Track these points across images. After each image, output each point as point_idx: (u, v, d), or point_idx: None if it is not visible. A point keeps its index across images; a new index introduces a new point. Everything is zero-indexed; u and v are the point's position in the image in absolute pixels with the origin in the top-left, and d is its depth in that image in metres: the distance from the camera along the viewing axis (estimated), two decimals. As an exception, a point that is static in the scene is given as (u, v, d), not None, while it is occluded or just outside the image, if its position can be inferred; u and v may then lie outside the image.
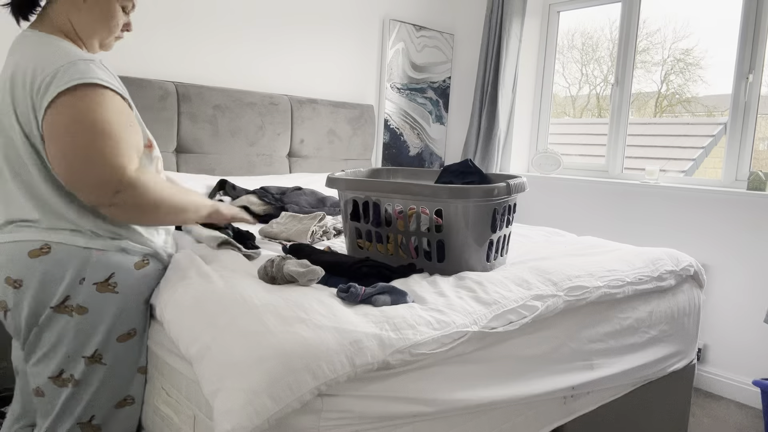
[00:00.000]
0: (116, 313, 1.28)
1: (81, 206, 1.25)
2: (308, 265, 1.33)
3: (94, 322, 1.26)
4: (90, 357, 1.26)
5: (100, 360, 1.27)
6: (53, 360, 1.25)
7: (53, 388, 1.26)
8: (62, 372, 1.26)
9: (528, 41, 3.56)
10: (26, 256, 1.21)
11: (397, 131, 3.60)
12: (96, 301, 1.25)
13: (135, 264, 1.31)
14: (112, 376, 1.30)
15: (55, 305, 1.23)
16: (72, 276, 1.22)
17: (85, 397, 1.27)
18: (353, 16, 3.31)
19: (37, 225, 1.23)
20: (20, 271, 1.21)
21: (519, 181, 1.59)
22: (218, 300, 1.19)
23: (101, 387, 1.29)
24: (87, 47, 1.34)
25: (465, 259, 1.52)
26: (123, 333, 1.30)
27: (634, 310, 1.70)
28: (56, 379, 1.26)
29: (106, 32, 1.34)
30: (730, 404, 2.63)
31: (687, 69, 3.19)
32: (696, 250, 2.76)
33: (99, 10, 1.30)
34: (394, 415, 1.09)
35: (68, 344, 1.24)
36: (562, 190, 3.32)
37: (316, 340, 1.02)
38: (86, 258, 1.24)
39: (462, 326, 1.20)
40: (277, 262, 1.33)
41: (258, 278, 1.35)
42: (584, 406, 1.59)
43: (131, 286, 1.30)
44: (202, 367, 1.07)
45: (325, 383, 0.99)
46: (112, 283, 1.27)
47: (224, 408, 0.95)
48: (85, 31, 1.31)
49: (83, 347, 1.26)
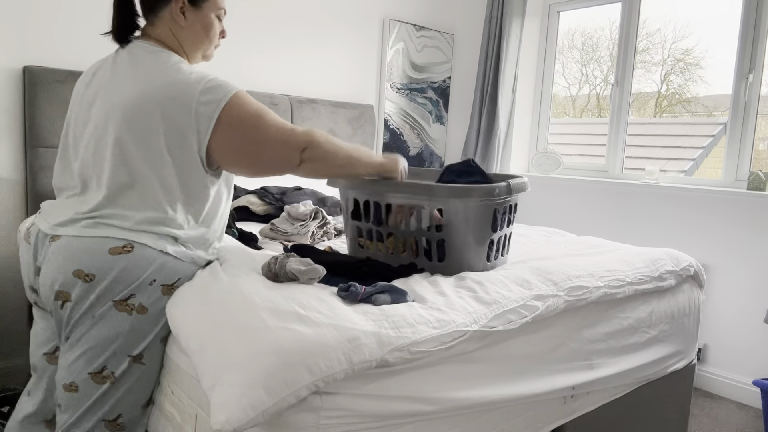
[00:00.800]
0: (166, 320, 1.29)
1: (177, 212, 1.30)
2: (310, 263, 1.33)
3: (150, 323, 1.27)
4: (135, 356, 1.26)
5: (141, 360, 1.27)
6: (99, 356, 1.23)
7: (91, 384, 1.24)
8: (104, 368, 1.24)
9: (528, 41, 3.56)
10: (106, 252, 1.22)
11: (397, 131, 3.60)
12: (158, 302, 1.27)
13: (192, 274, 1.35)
14: (146, 377, 1.30)
15: (117, 299, 1.23)
16: (146, 276, 1.24)
17: (117, 395, 1.26)
18: (353, 16, 3.31)
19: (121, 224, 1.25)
20: (95, 266, 1.22)
21: (520, 181, 1.59)
22: (220, 296, 1.20)
23: (134, 386, 1.28)
24: (190, 60, 1.44)
25: (465, 258, 1.52)
26: (164, 336, 1.31)
27: (634, 310, 1.71)
28: (96, 375, 1.24)
29: (207, 43, 1.45)
30: (730, 404, 2.63)
31: (687, 69, 3.19)
32: (696, 250, 2.76)
33: (200, 24, 1.40)
34: (393, 414, 1.09)
35: (120, 342, 1.24)
36: (562, 190, 3.32)
37: (313, 336, 1.03)
38: (164, 262, 1.27)
39: (462, 325, 1.20)
40: (281, 260, 1.34)
41: (261, 275, 1.36)
42: (584, 406, 1.59)
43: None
44: (201, 362, 1.08)
45: (322, 379, 0.99)
46: (175, 287, 1.30)
47: (220, 400, 0.96)
48: (190, 46, 1.41)
49: (133, 347, 1.25)
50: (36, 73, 2.18)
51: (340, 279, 1.38)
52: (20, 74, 2.22)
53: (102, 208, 1.27)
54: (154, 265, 1.25)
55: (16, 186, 2.26)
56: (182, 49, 1.40)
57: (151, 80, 1.27)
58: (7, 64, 2.19)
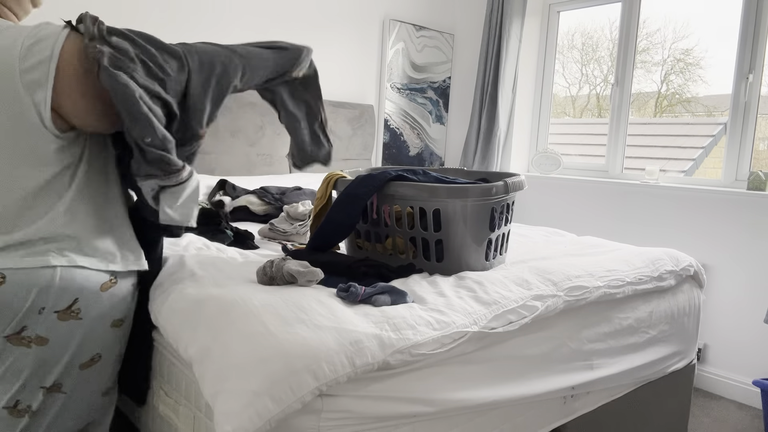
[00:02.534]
0: (80, 342, 1.17)
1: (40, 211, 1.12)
2: (308, 266, 1.32)
3: (57, 352, 1.14)
4: (50, 387, 1.16)
5: (60, 389, 1.17)
6: (9, 390, 1.13)
7: (9, 419, 1.15)
8: (17, 403, 1.14)
9: (528, 41, 3.56)
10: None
11: (397, 131, 3.60)
12: (59, 329, 1.13)
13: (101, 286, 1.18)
14: (74, 405, 1.21)
15: (8, 335, 1.11)
16: (29, 306, 1.09)
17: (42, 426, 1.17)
18: (353, 16, 3.31)
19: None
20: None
21: (517, 180, 1.59)
22: (216, 302, 1.18)
23: (61, 417, 1.19)
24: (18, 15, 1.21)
25: (464, 258, 1.52)
26: (86, 360, 1.20)
27: (634, 310, 1.70)
28: (12, 410, 1.14)
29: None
30: (730, 404, 2.63)
31: (687, 69, 3.19)
32: (696, 250, 2.76)
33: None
34: (394, 416, 1.09)
35: (26, 375, 1.13)
36: (562, 190, 3.32)
37: (316, 340, 1.02)
38: (46, 286, 1.10)
39: (462, 326, 1.20)
40: (277, 263, 1.32)
41: (255, 281, 1.34)
42: (584, 406, 1.59)
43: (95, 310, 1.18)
44: (203, 369, 1.06)
45: (326, 383, 0.99)
46: (75, 309, 1.15)
47: (225, 409, 0.95)
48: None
49: (43, 378, 1.15)
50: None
51: (339, 279, 1.38)
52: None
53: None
54: (33, 293, 1.09)
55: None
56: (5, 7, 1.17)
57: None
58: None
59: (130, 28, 1.16)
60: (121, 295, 1.23)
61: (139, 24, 2.48)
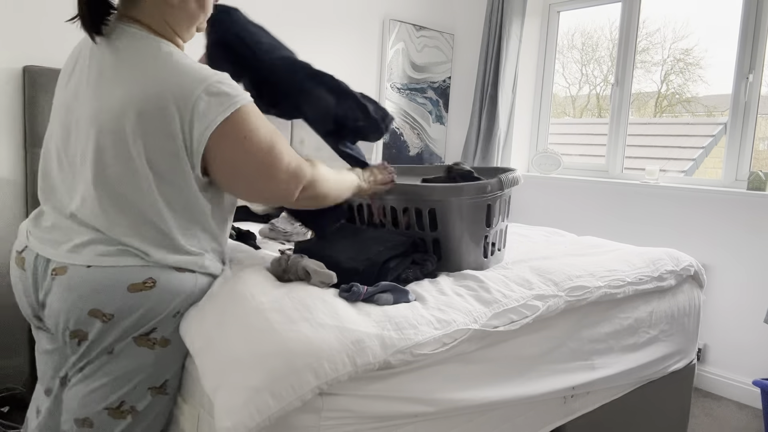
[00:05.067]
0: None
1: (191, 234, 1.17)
2: (323, 267, 1.31)
3: (174, 353, 1.17)
4: (157, 387, 1.17)
5: (164, 390, 1.18)
6: (117, 391, 1.12)
7: (107, 420, 1.13)
8: (122, 403, 1.13)
9: (528, 41, 3.56)
10: (125, 289, 1.09)
11: (397, 131, 3.60)
12: (177, 331, 1.17)
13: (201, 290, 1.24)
14: (168, 406, 1.21)
15: (137, 335, 1.12)
16: (170, 310, 1.14)
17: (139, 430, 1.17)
18: (353, 16, 3.31)
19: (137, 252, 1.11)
20: (115, 305, 1.08)
21: (512, 176, 1.58)
22: (226, 295, 1.18)
23: (157, 418, 1.19)
24: (183, 38, 1.25)
25: (463, 255, 1.52)
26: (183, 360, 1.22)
27: (634, 310, 1.71)
28: (114, 411, 1.13)
29: (203, 17, 1.26)
30: (730, 404, 2.63)
31: (687, 69, 3.19)
32: (696, 250, 2.76)
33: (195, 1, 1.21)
34: (394, 415, 1.09)
35: (142, 376, 1.14)
36: (562, 190, 3.32)
37: (318, 339, 1.02)
38: (190, 293, 1.17)
39: (462, 324, 1.20)
40: (293, 258, 1.32)
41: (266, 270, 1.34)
42: (584, 406, 1.59)
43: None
44: (205, 362, 1.07)
45: (327, 382, 0.99)
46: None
47: (225, 405, 0.95)
48: (183, 24, 1.21)
49: (156, 380, 1.16)
50: (36, 73, 2.17)
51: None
52: (20, 74, 2.22)
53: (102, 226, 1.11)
54: (179, 298, 1.15)
55: (16, 186, 2.25)
56: (173, 32, 1.19)
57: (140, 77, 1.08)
58: (7, 64, 2.19)
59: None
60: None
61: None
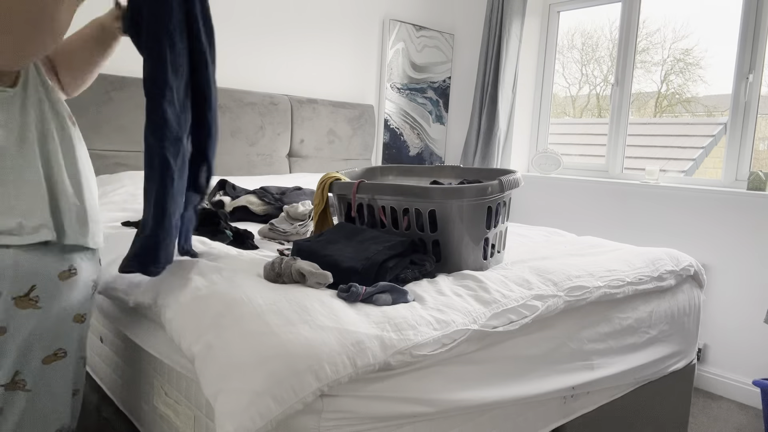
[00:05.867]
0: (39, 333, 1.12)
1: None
2: (318, 268, 1.31)
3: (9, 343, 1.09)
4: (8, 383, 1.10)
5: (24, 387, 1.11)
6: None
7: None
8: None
9: (528, 41, 3.55)
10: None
11: (397, 131, 3.60)
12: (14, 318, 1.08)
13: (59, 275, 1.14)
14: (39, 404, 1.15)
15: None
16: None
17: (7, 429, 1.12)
18: (353, 16, 3.30)
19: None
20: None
21: (512, 177, 1.59)
22: (221, 299, 1.18)
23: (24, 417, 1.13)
24: None
25: (462, 257, 1.52)
26: (49, 354, 1.15)
27: (634, 310, 1.70)
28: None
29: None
30: (730, 404, 2.63)
31: (687, 69, 3.19)
32: (696, 250, 2.76)
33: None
34: (394, 416, 1.09)
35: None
36: (562, 190, 3.32)
37: (318, 341, 1.02)
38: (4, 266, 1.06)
39: (462, 325, 1.20)
40: (287, 260, 1.31)
41: (261, 275, 1.34)
42: (584, 406, 1.59)
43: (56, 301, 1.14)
44: (204, 367, 1.06)
45: (327, 384, 0.99)
46: (34, 297, 1.10)
47: (227, 409, 0.95)
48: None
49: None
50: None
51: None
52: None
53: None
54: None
55: None
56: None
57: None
58: (7, 64, 2.18)
59: None
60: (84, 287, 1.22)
61: (139, 24, 2.47)
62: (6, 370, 1.10)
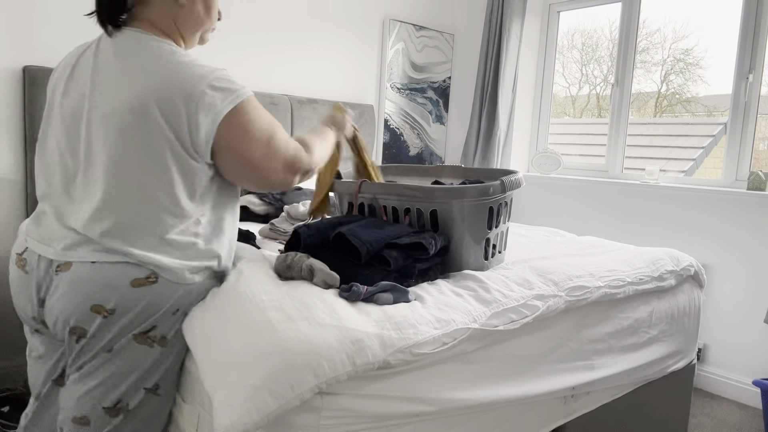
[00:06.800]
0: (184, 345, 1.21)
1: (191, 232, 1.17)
2: (327, 268, 1.31)
3: (170, 354, 1.18)
4: (150, 388, 1.17)
5: (156, 391, 1.18)
6: (115, 390, 1.13)
7: (104, 418, 1.14)
8: (119, 401, 1.14)
9: (528, 41, 3.56)
10: (128, 284, 1.10)
11: (397, 131, 3.60)
12: (178, 331, 1.18)
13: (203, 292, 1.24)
14: (161, 408, 1.22)
15: (137, 332, 1.12)
16: (169, 306, 1.15)
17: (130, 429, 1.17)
18: (353, 16, 3.31)
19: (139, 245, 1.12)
20: (116, 301, 1.09)
21: (514, 178, 1.59)
22: (227, 293, 1.19)
23: (148, 419, 1.19)
24: (187, 43, 1.30)
25: (463, 257, 1.52)
26: (180, 363, 1.23)
27: (634, 310, 1.71)
28: (111, 409, 1.14)
29: (208, 24, 1.31)
30: (730, 404, 2.63)
31: (687, 69, 3.19)
32: (696, 250, 2.76)
33: (202, 4, 1.26)
34: (394, 415, 1.09)
35: (138, 374, 1.14)
36: (562, 190, 3.32)
37: (318, 338, 1.03)
38: (189, 290, 1.18)
39: (462, 324, 1.20)
40: (300, 255, 1.32)
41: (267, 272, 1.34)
42: (584, 406, 1.59)
43: None
44: (205, 360, 1.07)
45: (326, 381, 0.99)
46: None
47: (224, 403, 0.95)
48: (189, 26, 1.26)
49: (150, 379, 1.16)
50: (36, 73, 2.18)
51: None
52: (20, 74, 2.22)
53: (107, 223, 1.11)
54: (179, 293, 1.16)
55: (16, 186, 2.25)
56: (179, 33, 1.24)
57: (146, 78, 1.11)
58: (7, 64, 2.19)
59: None
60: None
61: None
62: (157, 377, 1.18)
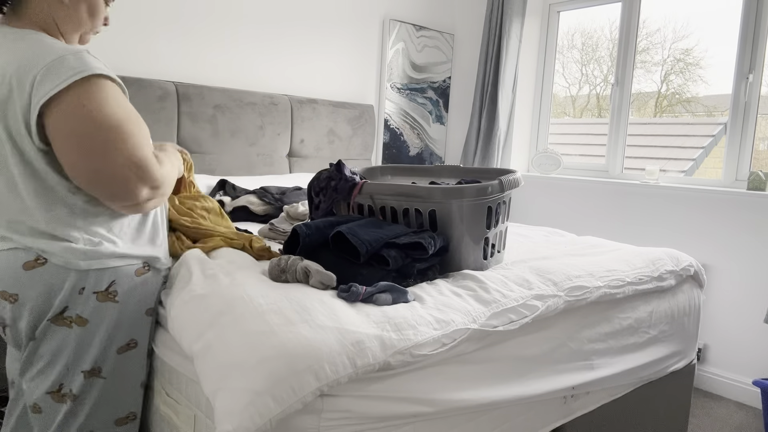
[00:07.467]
0: (116, 324, 1.22)
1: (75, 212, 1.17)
2: (323, 269, 1.31)
3: (93, 333, 1.20)
4: (88, 371, 1.20)
5: (99, 373, 1.21)
6: (52, 373, 1.18)
7: (51, 404, 1.20)
8: (61, 386, 1.19)
9: (528, 41, 3.56)
10: (20, 267, 1.14)
11: (397, 131, 3.60)
12: (99, 311, 1.19)
13: (136, 271, 1.25)
14: (113, 390, 1.24)
15: (52, 317, 1.16)
16: (70, 285, 1.16)
17: (83, 413, 1.21)
18: (353, 16, 3.31)
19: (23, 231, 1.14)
20: (15, 285, 1.14)
21: (512, 177, 1.58)
22: (223, 297, 1.18)
23: (100, 402, 1.23)
24: (66, 42, 1.25)
25: (462, 257, 1.52)
26: (123, 344, 1.24)
27: (634, 310, 1.70)
28: (55, 394, 1.19)
29: (89, 26, 1.27)
30: (730, 404, 2.63)
31: (687, 69, 3.19)
32: (696, 250, 2.76)
33: (86, 4, 1.23)
34: (394, 416, 1.09)
35: (68, 356, 1.18)
36: (562, 190, 3.32)
37: (318, 341, 1.02)
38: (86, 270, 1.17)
39: (461, 324, 1.20)
40: (293, 258, 1.32)
41: (265, 273, 1.34)
42: (584, 406, 1.59)
43: (131, 294, 1.25)
44: (204, 365, 1.06)
45: (327, 384, 0.99)
46: (113, 291, 1.21)
47: (226, 408, 0.95)
48: (69, 25, 1.23)
49: (83, 360, 1.19)
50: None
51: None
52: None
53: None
54: (74, 274, 1.15)
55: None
56: (58, 31, 1.21)
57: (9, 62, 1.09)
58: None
59: None
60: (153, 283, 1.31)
61: (138, 22, 2.48)
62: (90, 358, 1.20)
